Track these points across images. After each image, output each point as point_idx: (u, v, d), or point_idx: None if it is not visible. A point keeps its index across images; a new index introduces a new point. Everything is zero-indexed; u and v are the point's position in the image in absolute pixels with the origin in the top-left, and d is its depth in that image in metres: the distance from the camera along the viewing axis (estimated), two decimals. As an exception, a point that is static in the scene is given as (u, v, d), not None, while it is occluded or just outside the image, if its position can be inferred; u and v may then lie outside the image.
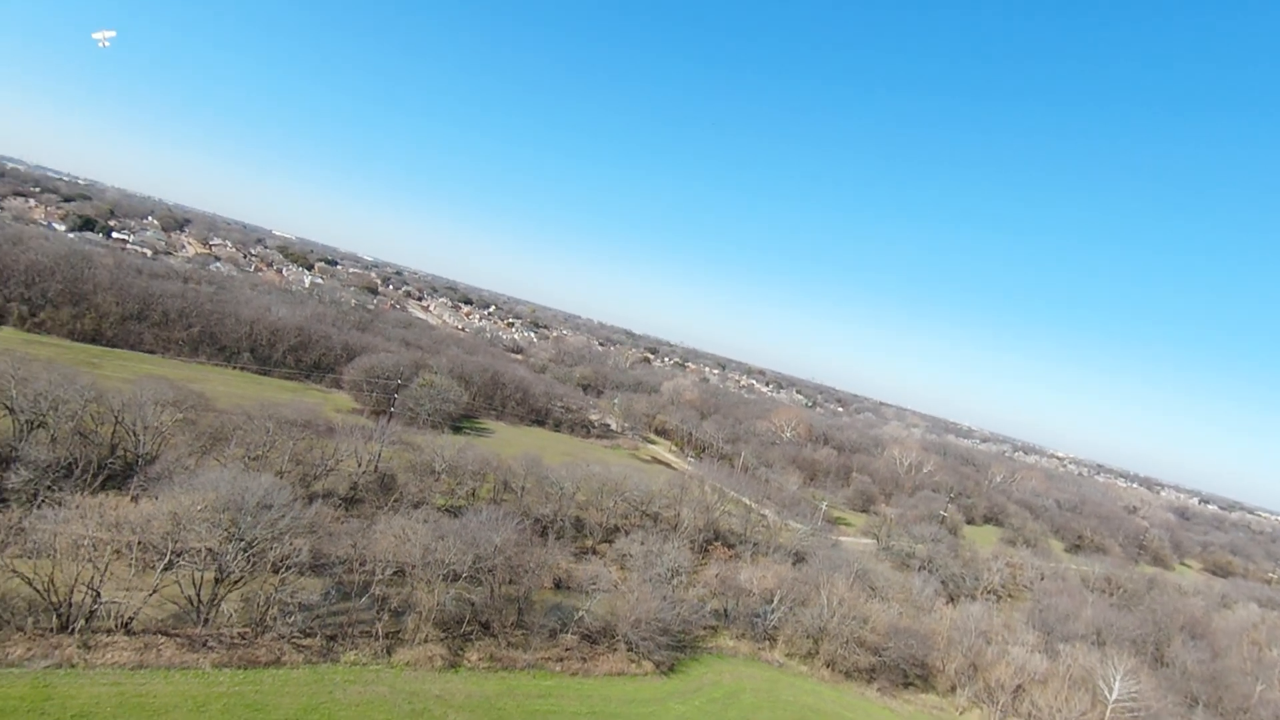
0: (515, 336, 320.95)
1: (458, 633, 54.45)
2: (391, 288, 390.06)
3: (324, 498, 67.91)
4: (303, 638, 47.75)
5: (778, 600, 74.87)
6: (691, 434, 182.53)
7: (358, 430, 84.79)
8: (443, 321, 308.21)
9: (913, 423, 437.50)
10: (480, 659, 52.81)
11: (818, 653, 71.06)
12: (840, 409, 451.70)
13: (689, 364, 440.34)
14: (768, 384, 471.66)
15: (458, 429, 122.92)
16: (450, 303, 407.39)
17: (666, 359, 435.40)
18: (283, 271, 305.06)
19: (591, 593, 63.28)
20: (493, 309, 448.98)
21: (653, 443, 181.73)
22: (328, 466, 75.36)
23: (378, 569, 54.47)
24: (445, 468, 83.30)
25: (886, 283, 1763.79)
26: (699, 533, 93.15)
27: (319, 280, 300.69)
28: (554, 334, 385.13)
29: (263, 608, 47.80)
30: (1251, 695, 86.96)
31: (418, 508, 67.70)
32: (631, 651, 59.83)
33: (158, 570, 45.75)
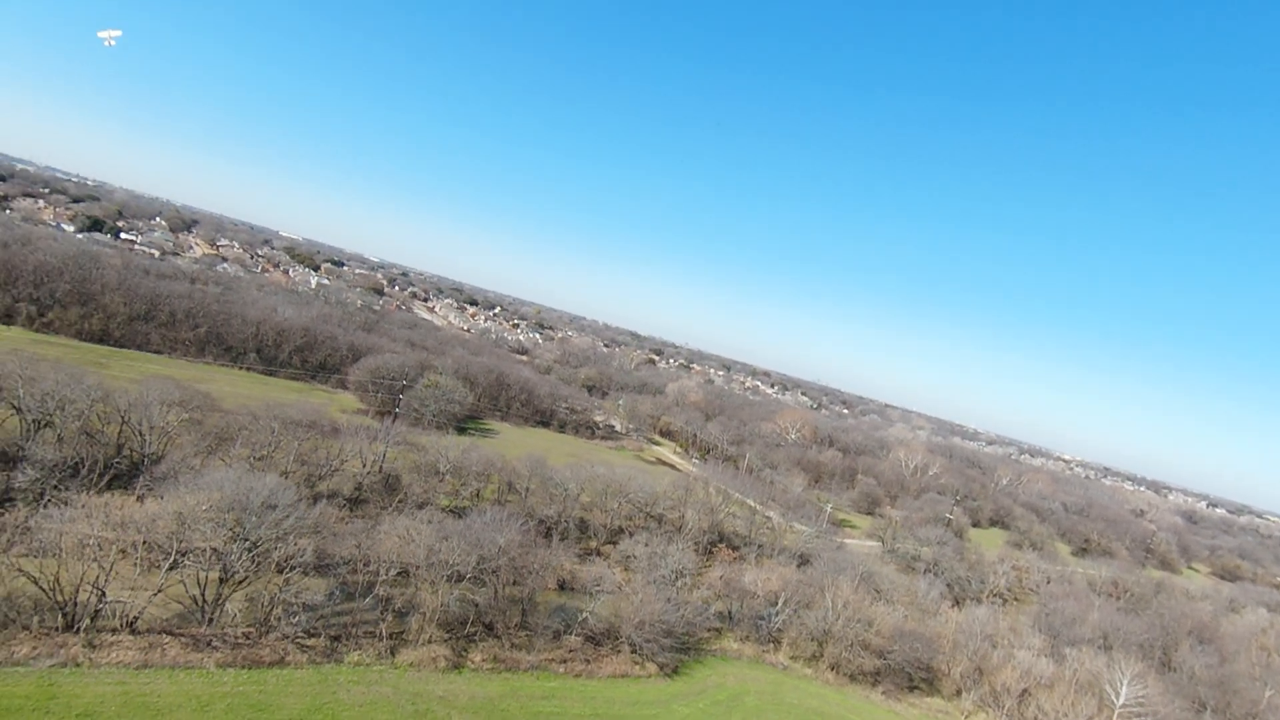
0: (520, 337, 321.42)
1: (461, 634, 54.44)
2: (397, 288, 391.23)
3: (329, 498, 68.10)
4: (307, 638, 47.82)
5: (782, 603, 74.64)
6: (696, 435, 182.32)
7: (363, 431, 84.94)
8: (448, 322, 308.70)
9: (918, 425, 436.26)
10: (484, 660, 52.82)
11: (822, 655, 70.80)
12: (845, 411, 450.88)
13: (694, 365, 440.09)
14: (773, 386, 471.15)
15: (462, 430, 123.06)
16: (456, 304, 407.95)
17: (671, 360, 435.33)
18: (289, 272, 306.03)
19: (595, 594, 63.08)
20: (498, 310, 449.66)
21: (657, 444, 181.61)
22: (332, 467, 75.58)
23: (382, 569, 54.49)
24: (450, 468, 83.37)
25: (892, 284, 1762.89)
26: (703, 534, 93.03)
27: (325, 281, 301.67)
28: (559, 335, 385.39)
29: (267, 608, 47.89)
30: (1260, 701, 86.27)
31: (422, 508, 67.83)
32: (635, 653, 59.72)
33: (163, 570, 45.89)
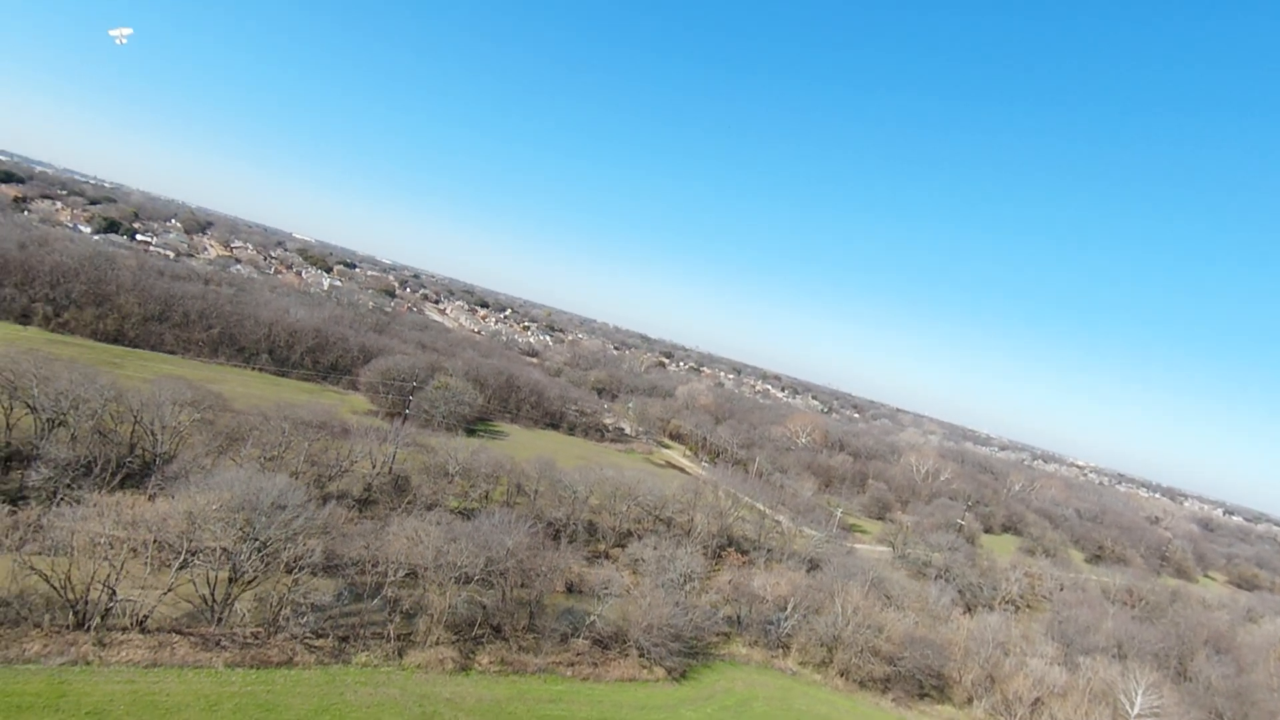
0: (531, 340, 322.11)
1: (469, 636, 54.39)
2: (409, 290, 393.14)
3: (338, 499, 68.26)
4: (315, 638, 47.94)
5: (791, 608, 74.08)
6: (706, 439, 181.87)
7: (373, 432, 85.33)
8: (459, 324, 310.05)
9: (930, 429, 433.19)
10: (491, 662, 52.73)
11: (831, 661, 70.20)
12: (856, 415, 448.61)
13: (704, 368, 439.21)
14: (783, 389, 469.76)
15: (472, 431, 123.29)
16: (466, 306, 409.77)
17: (681, 363, 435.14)
18: (302, 274, 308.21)
19: (603, 597, 62.83)
20: (508, 312, 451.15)
21: (667, 447, 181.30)
22: (342, 468, 75.84)
23: (390, 571, 54.57)
24: (459, 470, 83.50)
25: (905, 288, 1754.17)
26: (712, 538, 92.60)
27: (337, 283, 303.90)
28: (569, 337, 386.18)
29: (276, 608, 48.01)
30: (1278, 712, 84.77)
31: (431, 510, 67.94)
32: (643, 657, 59.45)
33: (173, 569, 46.17)
